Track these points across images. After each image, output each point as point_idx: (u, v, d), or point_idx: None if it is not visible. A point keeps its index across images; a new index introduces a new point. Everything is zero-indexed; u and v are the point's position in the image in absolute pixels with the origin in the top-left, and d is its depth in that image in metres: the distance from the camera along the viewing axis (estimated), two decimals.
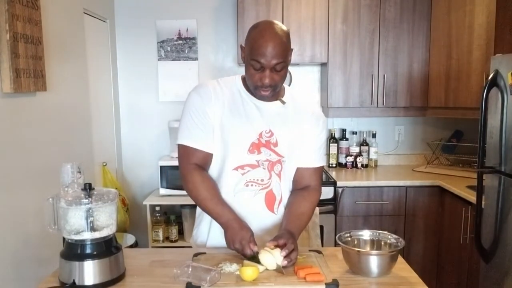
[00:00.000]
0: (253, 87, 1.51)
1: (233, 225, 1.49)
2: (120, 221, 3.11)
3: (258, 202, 1.59)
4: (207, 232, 1.66)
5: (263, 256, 1.36)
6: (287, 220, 1.57)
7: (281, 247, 1.39)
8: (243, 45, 1.53)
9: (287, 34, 1.48)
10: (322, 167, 1.72)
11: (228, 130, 1.55)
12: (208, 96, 1.55)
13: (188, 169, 1.56)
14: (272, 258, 1.36)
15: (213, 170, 1.62)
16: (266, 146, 1.57)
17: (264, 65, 1.44)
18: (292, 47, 1.53)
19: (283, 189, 1.63)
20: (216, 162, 1.60)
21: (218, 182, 1.60)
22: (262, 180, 1.58)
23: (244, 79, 1.61)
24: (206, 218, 1.66)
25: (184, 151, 1.57)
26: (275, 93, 1.54)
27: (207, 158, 1.58)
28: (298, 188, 1.68)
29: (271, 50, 1.42)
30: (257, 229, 1.61)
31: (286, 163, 1.61)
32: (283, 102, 1.59)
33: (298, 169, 1.67)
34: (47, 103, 2.29)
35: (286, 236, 1.44)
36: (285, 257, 1.36)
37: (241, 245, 1.44)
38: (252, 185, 1.57)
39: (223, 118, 1.55)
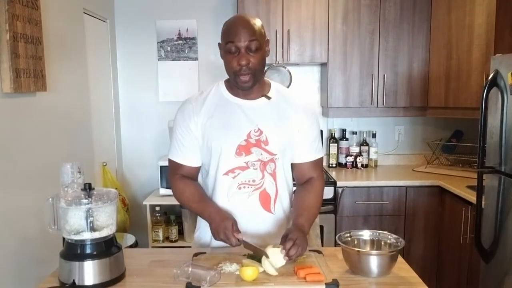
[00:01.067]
0: (233, 75, 1.52)
1: (215, 218, 1.51)
2: (120, 221, 3.11)
3: (253, 203, 1.59)
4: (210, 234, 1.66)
5: (265, 262, 1.35)
6: (295, 214, 1.58)
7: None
8: (220, 42, 1.57)
9: (259, 22, 1.54)
10: (321, 158, 1.71)
11: (212, 137, 1.57)
12: (189, 112, 1.60)
13: (174, 179, 1.66)
14: (271, 262, 1.35)
15: (207, 178, 1.65)
16: (256, 145, 1.56)
17: (238, 45, 1.47)
18: (292, 47, 1.54)
19: (279, 187, 1.62)
20: (208, 170, 1.63)
21: (213, 188, 1.62)
22: (254, 181, 1.58)
23: (227, 82, 1.63)
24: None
25: (171, 165, 1.67)
26: (255, 81, 1.54)
27: (192, 171, 1.66)
28: (301, 183, 1.69)
29: (243, 30, 1.48)
30: (257, 230, 1.61)
31: (280, 160, 1.61)
32: (268, 98, 1.60)
33: (296, 165, 1.67)
34: (47, 103, 2.29)
35: (292, 230, 1.45)
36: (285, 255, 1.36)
37: (225, 235, 1.45)
38: (244, 187, 1.58)
39: (206, 127, 1.58)
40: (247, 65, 1.48)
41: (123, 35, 3.51)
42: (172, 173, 1.67)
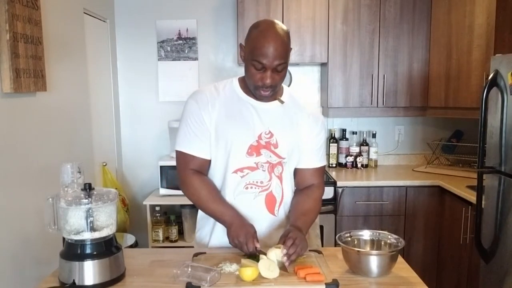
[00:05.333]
0: (253, 87, 1.51)
1: (236, 221, 1.50)
2: (120, 221, 3.11)
3: (258, 204, 1.59)
4: (210, 233, 1.66)
5: (261, 267, 1.35)
6: (293, 217, 1.58)
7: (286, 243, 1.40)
8: (243, 44, 1.54)
9: (287, 34, 1.49)
10: (324, 167, 1.73)
11: (225, 134, 1.55)
12: (204, 102, 1.56)
13: (187, 174, 1.59)
14: (269, 265, 1.35)
15: (215, 174, 1.63)
16: (266, 147, 1.56)
17: (266, 65, 1.44)
18: (292, 47, 1.53)
19: (284, 190, 1.63)
20: (217, 166, 1.61)
21: (220, 185, 1.61)
22: (261, 182, 1.58)
23: (241, 81, 1.61)
24: (209, 220, 1.66)
25: (182, 157, 1.59)
26: (274, 93, 1.54)
27: (205, 164, 1.60)
28: (300, 188, 1.69)
29: (273, 51, 1.42)
30: (258, 231, 1.61)
31: (287, 164, 1.61)
32: (282, 102, 1.59)
33: (299, 170, 1.68)
34: (47, 103, 2.29)
35: (292, 229, 1.45)
36: (285, 254, 1.37)
37: (246, 238, 1.44)
38: (251, 187, 1.57)
39: (220, 123, 1.56)
40: (271, 84, 1.47)
41: (123, 35, 3.51)
42: (183, 167, 1.59)
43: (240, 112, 1.57)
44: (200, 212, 1.72)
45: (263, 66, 1.44)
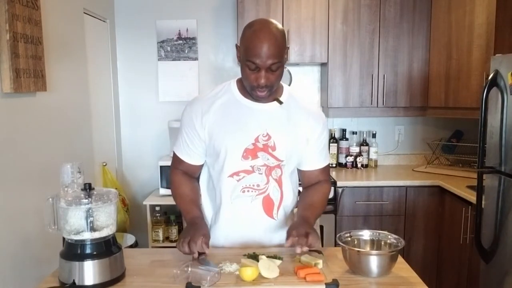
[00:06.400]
0: (249, 87, 1.50)
1: (196, 222, 1.51)
2: (120, 221, 3.11)
3: (255, 208, 1.59)
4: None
5: (261, 266, 1.34)
6: (301, 208, 1.60)
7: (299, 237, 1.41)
8: (238, 44, 1.52)
9: (282, 33, 1.46)
10: (329, 164, 1.75)
11: (220, 139, 1.55)
12: (198, 112, 1.58)
13: (175, 172, 1.68)
14: (269, 265, 1.35)
15: (212, 179, 1.64)
16: (264, 150, 1.55)
17: (259, 65, 1.42)
18: (292, 47, 1.52)
19: (284, 193, 1.61)
20: (213, 170, 1.62)
21: (217, 189, 1.61)
22: (258, 186, 1.57)
23: (239, 82, 1.60)
24: (207, 221, 1.67)
25: (174, 158, 1.69)
26: (271, 93, 1.52)
27: (193, 168, 1.67)
28: (307, 186, 1.71)
29: (266, 50, 1.40)
30: (257, 235, 1.62)
31: (287, 166, 1.60)
32: (280, 102, 1.56)
33: (305, 172, 1.69)
34: (47, 103, 2.29)
35: (300, 223, 1.47)
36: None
37: (196, 237, 1.39)
38: (248, 190, 1.57)
39: (214, 129, 1.56)
40: (265, 84, 1.46)
41: (123, 35, 3.51)
42: (173, 166, 1.69)
43: (237, 115, 1.56)
44: None
45: (256, 66, 1.43)
